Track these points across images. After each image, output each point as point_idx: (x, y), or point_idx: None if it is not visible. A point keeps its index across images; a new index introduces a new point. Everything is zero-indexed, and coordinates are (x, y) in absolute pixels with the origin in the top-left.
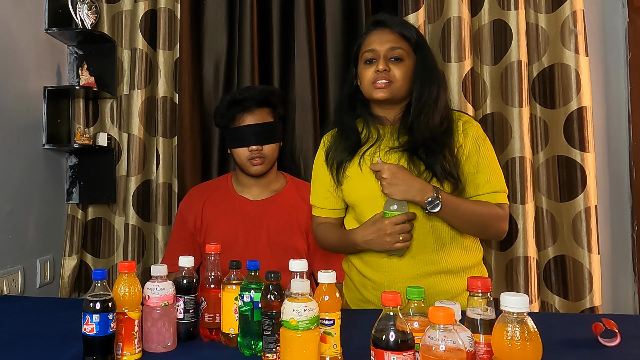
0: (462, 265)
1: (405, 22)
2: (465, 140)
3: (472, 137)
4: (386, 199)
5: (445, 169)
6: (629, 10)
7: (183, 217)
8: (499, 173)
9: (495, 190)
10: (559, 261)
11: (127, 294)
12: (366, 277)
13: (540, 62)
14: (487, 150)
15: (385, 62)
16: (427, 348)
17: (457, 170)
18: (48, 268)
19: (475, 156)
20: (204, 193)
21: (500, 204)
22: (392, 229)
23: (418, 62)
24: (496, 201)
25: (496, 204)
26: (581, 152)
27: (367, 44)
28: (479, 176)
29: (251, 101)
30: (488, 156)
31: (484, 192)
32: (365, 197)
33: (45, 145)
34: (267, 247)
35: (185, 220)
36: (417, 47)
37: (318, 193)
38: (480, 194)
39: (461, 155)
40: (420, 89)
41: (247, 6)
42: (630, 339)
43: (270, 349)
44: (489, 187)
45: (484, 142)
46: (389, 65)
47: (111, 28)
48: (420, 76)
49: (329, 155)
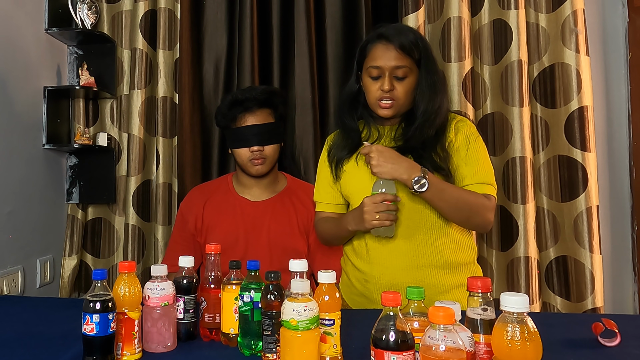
0: (454, 261)
1: (408, 35)
2: (457, 136)
3: (464, 134)
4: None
5: (436, 162)
6: (629, 10)
7: (184, 217)
8: (489, 168)
9: (482, 182)
10: (560, 262)
11: (127, 294)
12: (358, 270)
13: (540, 61)
14: (478, 146)
15: (390, 80)
16: (427, 348)
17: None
18: (48, 268)
19: (464, 150)
20: (205, 193)
21: (487, 195)
22: (371, 206)
23: (421, 76)
24: (483, 192)
25: (483, 194)
26: (582, 151)
27: (372, 57)
28: (466, 168)
29: (253, 102)
30: (478, 151)
31: (471, 182)
32: (359, 188)
33: (45, 145)
34: (267, 247)
35: (186, 221)
36: (421, 61)
37: (321, 189)
38: (467, 184)
39: (450, 149)
40: (425, 104)
41: (247, 6)
42: (630, 339)
43: (270, 349)
44: (476, 178)
45: (475, 139)
46: (394, 84)
47: (111, 28)
48: (425, 91)
49: (331, 153)
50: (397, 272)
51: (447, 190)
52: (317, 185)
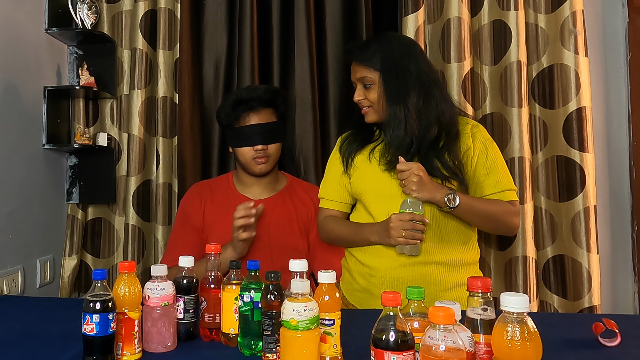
0: (459, 260)
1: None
2: (475, 143)
3: (480, 140)
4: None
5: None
6: (629, 10)
7: (185, 213)
8: (507, 172)
9: (506, 189)
10: (557, 261)
11: (127, 294)
12: (364, 264)
13: (539, 62)
14: (495, 151)
15: (361, 90)
16: (427, 348)
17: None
18: (48, 268)
19: (484, 158)
20: (206, 190)
21: (511, 201)
22: (398, 223)
23: (385, 86)
24: (507, 199)
25: (507, 201)
26: (580, 152)
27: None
28: (490, 177)
29: (257, 101)
30: (496, 157)
31: (496, 191)
32: (371, 185)
33: (45, 145)
34: (267, 246)
35: (189, 216)
36: (382, 73)
37: (329, 186)
38: (492, 193)
39: (470, 157)
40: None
41: (247, 6)
42: (630, 339)
43: (270, 349)
44: (499, 186)
45: (491, 145)
46: (364, 93)
47: (111, 28)
48: (387, 99)
49: (342, 147)
50: (404, 268)
51: (475, 204)
52: (324, 181)
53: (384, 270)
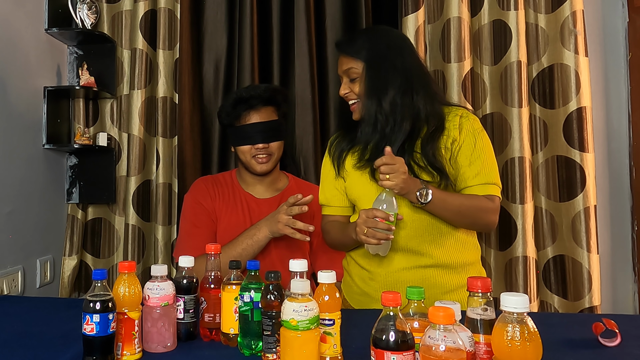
0: (459, 261)
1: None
2: (461, 134)
3: (468, 130)
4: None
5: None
6: (629, 10)
7: (198, 201)
8: (493, 166)
9: (486, 182)
10: (558, 261)
11: (127, 294)
12: (364, 269)
13: (539, 62)
14: (483, 143)
15: (347, 83)
16: (427, 348)
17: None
18: (48, 268)
19: (470, 149)
20: (213, 184)
21: (490, 195)
22: (361, 219)
23: (367, 78)
24: (487, 193)
25: (486, 195)
26: (580, 152)
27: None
28: (471, 168)
29: (258, 99)
30: (483, 149)
31: (475, 183)
32: (364, 193)
33: (45, 145)
34: (271, 244)
35: (201, 204)
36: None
37: (326, 192)
38: (472, 186)
39: (455, 149)
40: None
41: (247, 6)
42: (630, 339)
43: (270, 349)
44: (479, 178)
45: (480, 136)
46: (350, 86)
47: (111, 28)
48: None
49: (332, 148)
50: (404, 271)
51: (448, 199)
52: (321, 187)
53: (383, 274)
